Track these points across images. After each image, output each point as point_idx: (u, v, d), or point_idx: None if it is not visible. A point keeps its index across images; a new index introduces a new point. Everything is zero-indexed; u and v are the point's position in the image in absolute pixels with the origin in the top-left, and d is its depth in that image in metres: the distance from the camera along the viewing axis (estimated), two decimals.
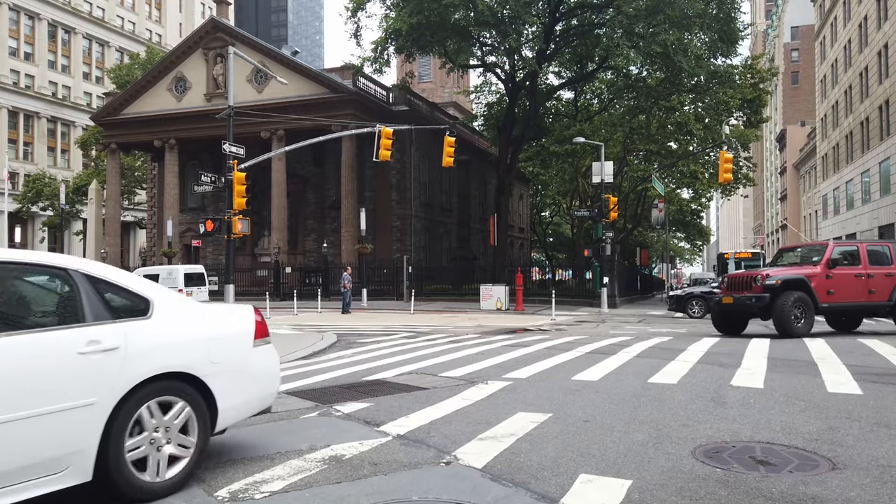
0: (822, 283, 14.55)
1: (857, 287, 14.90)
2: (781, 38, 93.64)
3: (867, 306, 15.33)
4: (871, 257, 15.29)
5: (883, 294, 15.04)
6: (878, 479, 4.49)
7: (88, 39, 69.80)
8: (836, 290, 14.63)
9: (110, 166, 46.18)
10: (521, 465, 4.89)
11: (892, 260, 15.27)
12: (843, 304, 15.03)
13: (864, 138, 44.43)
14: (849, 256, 15.09)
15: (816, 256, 15.30)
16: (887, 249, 15.54)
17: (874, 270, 14.96)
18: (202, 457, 4.72)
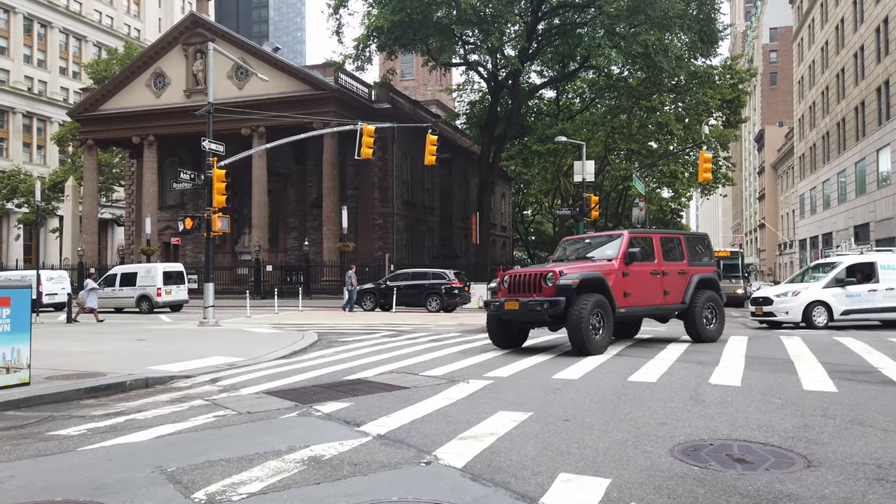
0: (619, 283, 11.80)
1: (653, 287, 12.54)
2: (760, 39, 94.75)
3: (662, 310, 13.01)
4: (666, 251, 13.13)
5: (677, 294, 12.98)
6: (853, 476, 4.55)
7: (65, 34, 68.68)
8: (633, 292, 11.99)
9: (87, 163, 45.51)
10: (501, 464, 4.89)
11: (684, 254, 13.40)
12: (639, 309, 12.49)
13: (841, 139, 45.11)
14: (644, 249, 12.54)
15: (610, 250, 12.49)
16: (678, 242, 13.64)
17: (668, 266, 12.88)
18: None
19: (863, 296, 17.24)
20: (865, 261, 18.04)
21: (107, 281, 29.14)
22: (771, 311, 17.54)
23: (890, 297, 17.34)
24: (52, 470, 5.05)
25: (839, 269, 17.67)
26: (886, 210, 35.99)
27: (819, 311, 17.01)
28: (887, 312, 17.62)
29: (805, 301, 17.03)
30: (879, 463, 4.84)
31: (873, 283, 17.34)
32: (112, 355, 11.78)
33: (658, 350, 12.11)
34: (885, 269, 17.62)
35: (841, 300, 17.19)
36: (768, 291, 18.64)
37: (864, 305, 17.25)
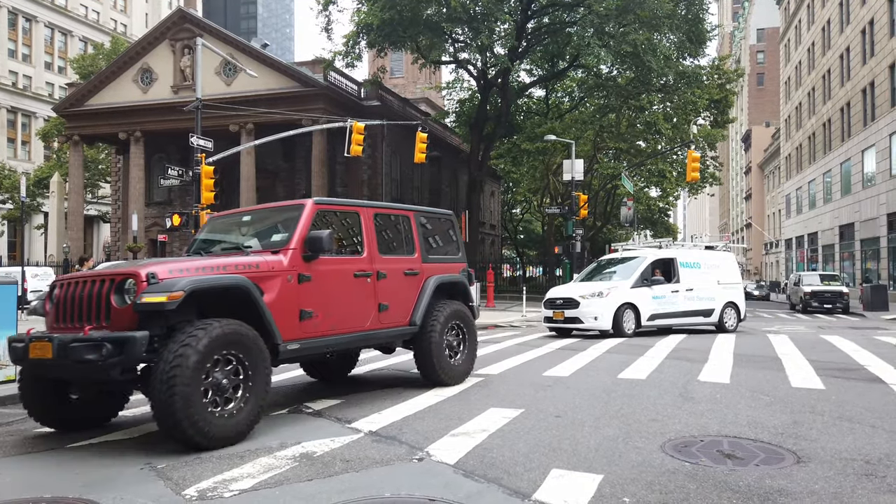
0: (290, 294, 6.23)
1: (359, 298, 7.07)
2: (747, 39, 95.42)
3: (376, 337, 7.45)
4: (384, 238, 7.65)
5: (401, 311, 7.60)
6: (842, 471, 4.60)
7: (50, 28, 67.91)
8: (319, 308, 6.46)
9: (73, 159, 45.04)
10: (493, 460, 4.89)
11: (415, 243, 7.96)
12: (330, 340, 6.68)
13: (827, 139, 45.53)
14: (344, 233, 7.43)
15: (278, 235, 6.82)
16: (405, 223, 7.99)
17: (387, 264, 7.44)
18: None
19: (667, 297, 15.13)
20: (665, 256, 15.78)
21: None
22: (576, 317, 14.33)
23: (690, 300, 15.47)
24: (39, 467, 5.00)
25: (645, 266, 15.20)
26: (871, 210, 36.37)
27: (628, 316, 14.42)
28: (687, 317, 15.60)
29: (616, 303, 14.22)
30: (868, 458, 4.89)
31: (674, 282, 15.38)
32: None
33: (647, 348, 12.18)
34: (685, 268, 15.69)
35: (647, 302, 14.81)
36: (571, 290, 15.09)
37: (667, 308, 15.13)
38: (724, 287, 16.17)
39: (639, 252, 16.43)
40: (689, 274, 15.62)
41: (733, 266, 16.99)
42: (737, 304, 16.42)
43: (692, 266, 15.74)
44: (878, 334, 15.30)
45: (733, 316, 16.33)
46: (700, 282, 15.69)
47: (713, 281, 15.96)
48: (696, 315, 15.66)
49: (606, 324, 14.08)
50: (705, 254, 16.71)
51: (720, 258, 16.74)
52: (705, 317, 15.84)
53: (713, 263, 16.24)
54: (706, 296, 15.71)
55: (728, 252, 17.60)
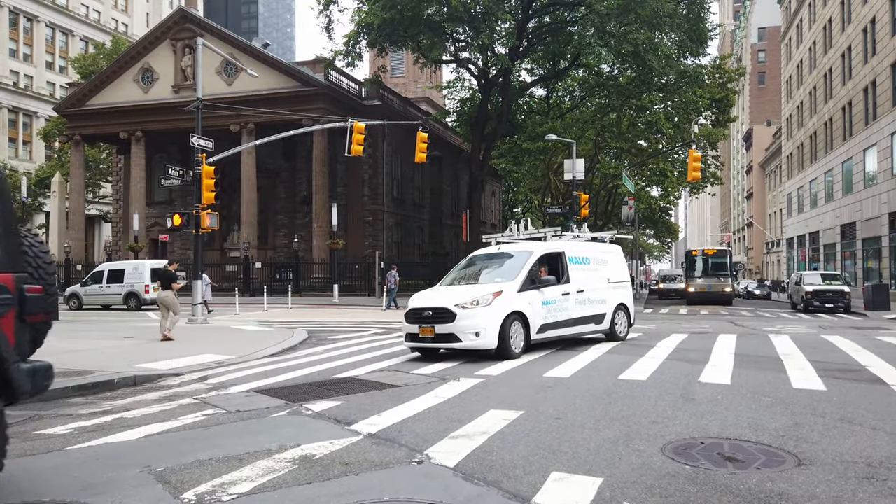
0: None
1: None
2: (749, 38, 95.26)
3: None
4: None
5: None
6: (843, 474, 4.58)
7: (52, 28, 67.93)
8: None
9: (74, 158, 45.07)
10: (493, 463, 4.88)
11: None
12: None
13: (828, 138, 45.44)
14: None
15: None
16: None
17: None
18: None
19: (557, 302, 11.79)
20: (552, 250, 12.48)
21: (94, 278, 28.87)
22: (451, 333, 10.41)
23: (581, 304, 12.43)
24: (38, 470, 4.98)
25: (532, 263, 11.63)
26: (873, 209, 36.30)
27: (516, 330, 10.79)
28: (579, 325, 12.42)
29: (502, 313, 10.55)
30: (869, 461, 4.87)
31: (564, 282, 12.14)
32: (100, 353, 11.66)
33: (648, 348, 12.15)
34: (575, 264, 12.62)
35: (537, 310, 11.32)
36: (443, 297, 11.04)
37: (559, 316, 11.83)
38: (614, 287, 13.49)
39: (521, 245, 13.16)
40: (579, 272, 12.58)
41: (622, 261, 14.52)
42: (627, 306, 13.84)
43: (581, 262, 12.82)
44: (880, 334, 15.26)
45: (624, 321, 13.71)
46: (590, 281, 12.80)
47: (603, 279, 13.24)
48: (587, 322, 12.62)
49: (491, 341, 10.37)
50: (593, 247, 13.87)
51: (608, 252, 14.12)
52: (596, 324, 12.86)
53: (601, 258, 13.53)
54: (597, 298, 12.86)
55: (615, 245, 14.97)
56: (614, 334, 13.34)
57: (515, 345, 10.71)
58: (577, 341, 13.11)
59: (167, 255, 39.26)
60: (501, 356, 10.48)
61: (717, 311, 28.87)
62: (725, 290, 35.27)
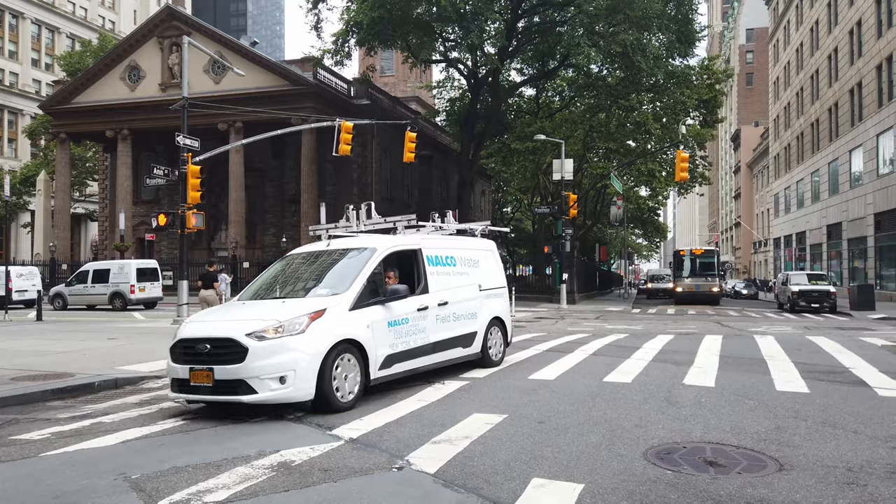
0: None
1: None
2: (737, 39, 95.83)
3: None
4: None
5: None
6: (823, 479, 4.57)
7: (38, 25, 67.26)
8: None
9: (60, 157, 44.64)
10: (474, 469, 4.84)
11: None
12: None
13: (815, 139, 45.78)
14: None
15: None
16: None
17: None
18: None
19: (412, 321, 8.35)
20: (404, 247, 8.95)
21: (79, 277, 28.58)
22: (238, 380, 6.71)
23: (445, 322, 8.93)
24: (11, 477, 4.89)
25: (373, 266, 8.11)
26: (858, 210, 36.60)
27: (347, 367, 7.23)
28: (442, 351, 8.85)
29: (325, 344, 7.05)
30: (850, 466, 4.86)
31: (421, 293, 8.69)
32: (82, 355, 11.52)
33: (634, 350, 12.16)
34: (435, 266, 9.13)
35: (381, 334, 7.83)
36: (228, 321, 7.41)
37: (414, 341, 8.33)
38: (487, 296, 10.00)
39: (360, 240, 9.03)
40: (442, 277, 9.14)
41: (497, 261, 10.89)
42: (503, 321, 10.42)
43: (445, 263, 9.36)
44: (864, 335, 15.36)
45: (499, 341, 10.30)
46: (457, 290, 9.31)
47: (473, 286, 9.75)
48: (452, 346, 9.06)
49: (304, 388, 6.79)
50: (460, 243, 10.26)
51: (480, 249, 10.51)
52: (464, 347, 9.35)
53: (471, 258, 10.02)
54: (465, 312, 9.39)
55: (488, 240, 11.20)
56: (487, 359, 9.82)
57: (345, 390, 7.06)
58: (569, 342, 13.04)
59: (153, 255, 38.98)
60: (321, 409, 6.83)
61: (704, 310, 29.00)
62: (713, 289, 35.46)
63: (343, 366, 7.15)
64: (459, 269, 9.66)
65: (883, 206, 33.14)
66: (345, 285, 7.75)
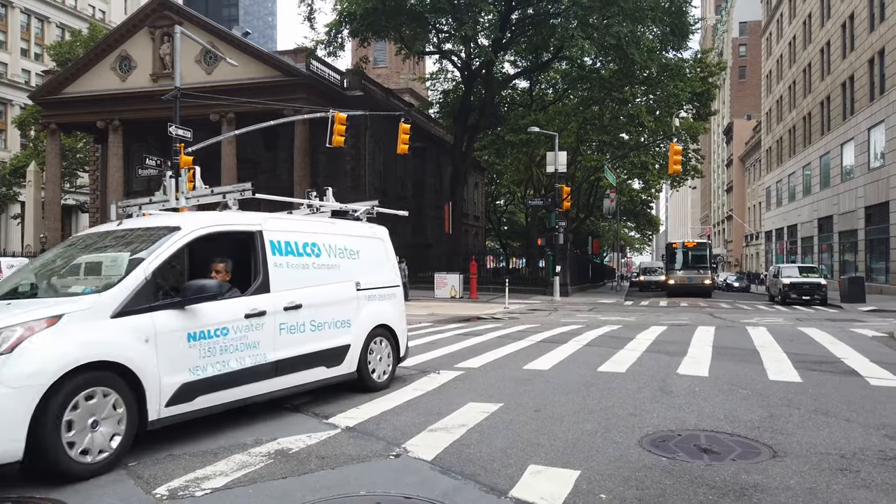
0: None
1: None
2: (730, 33, 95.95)
3: None
4: None
5: None
6: (817, 466, 4.62)
7: (27, 14, 66.55)
8: None
9: (50, 147, 44.29)
10: (470, 456, 4.86)
11: None
12: None
13: (807, 133, 45.96)
14: None
15: None
16: None
17: None
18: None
19: (232, 333, 5.81)
20: (231, 227, 6.39)
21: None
22: None
23: (296, 334, 6.53)
24: None
25: (167, 250, 5.85)
26: (849, 203, 36.81)
27: (101, 403, 4.64)
28: (287, 374, 6.34)
29: (51, 372, 4.36)
30: (842, 453, 4.92)
31: (256, 292, 6.21)
32: None
33: (628, 340, 12.22)
34: (284, 256, 6.67)
35: (174, 351, 5.28)
36: None
37: (237, 361, 5.79)
38: (368, 297, 7.66)
39: (163, 219, 6.68)
40: (294, 271, 6.74)
41: (387, 253, 8.51)
42: (394, 329, 8.06)
43: (301, 252, 6.91)
44: (855, 326, 15.49)
45: (386, 356, 7.84)
46: (319, 288, 6.98)
47: (347, 285, 7.41)
48: (309, 365, 6.67)
49: (6, 441, 4.20)
50: (331, 227, 7.66)
51: (362, 237, 8.07)
52: (331, 365, 6.98)
53: (348, 248, 7.61)
54: (333, 318, 7.07)
55: (377, 226, 8.70)
56: (366, 380, 7.38)
57: (93, 446, 4.58)
58: (563, 333, 13.09)
59: None
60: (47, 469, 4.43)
61: (696, 303, 29.16)
62: (705, 282, 35.65)
63: (90, 406, 4.56)
64: (326, 261, 7.11)
65: (874, 200, 33.34)
66: (114, 279, 5.57)
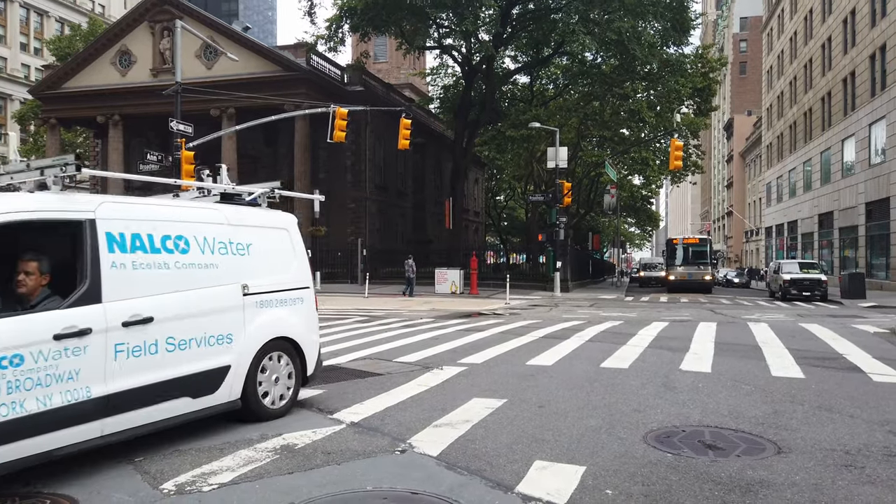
0: None
1: None
2: (731, 28, 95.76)
3: None
4: None
5: None
6: (822, 462, 4.63)
7: (26, 8, 66.38)
8: None
9: (50, 142, 44.22)
10: (476, 452, 4.87)
11: None
12: None
13: (807, 128, 45.91)
14: None
15: None
16: None
17: None
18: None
19: (30, 361, 4.15)
20: (44, 216, 4.59)
21: None
22: None
23: (145, 357, 4.87)
24: None
25: None
26: (850, 199, 36.80)
27: None
28: (117, 414, 4.60)
29: None
30: (847, 449, 4.93)
31: (82, 302, 4.54)
32: None
33: (630, 336, 12.23)
34: (133, 253, 4.98)
35: None
36: None
37: (38, 400, 4.17)
38: (261, 303, 6.03)
39: None
40: (143, 272, 5.04)
41: (293, 246, 6.65)
42: (297, 341, 6.41)
43: (156, 249, 5.23)
44: (856, 322, 15.50)
45: (285, 375, 6.22)
46: (180, 295, 5.31)
47: (229, 289, 5.76)
48: (163, 397, 4.99)
49: None
50: (212, 214, 5.88)
51: (256, 226, 6.26)
52: (197, 394, 5.30)
53: (233, 239, 5.91)
54: (200, 334, 5.39)
55: (282, 214, 6.77)
56: (255, 409, 5.80)
57: None
58: (565, 329, 13.12)
59: None
60: None
61: (697, 298, 29.17)
62: (705, 278, 35.64)
63: None
64: (197, 259, 5.51)
65: (874, 196, 33.32)
66: None
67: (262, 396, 5.91)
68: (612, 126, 37.27)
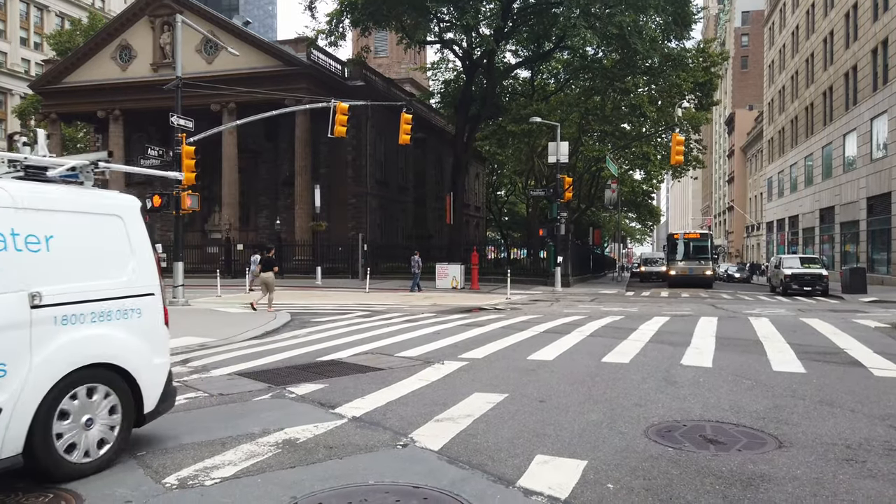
0: None
1: None
2: (732, 22, 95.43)
3: None
4: None
5: None
6: (823, 456, 4.63)
7: (26, 3, 66.22)
8: None
9: (51, 137, 44.22)
10: (477, 446, 4.88)
11: None
12: None
13: (809, 123, 45.80)
14: None
15: None
16: None
17: None
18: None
19: None
20: None
21: None
22: None
23: None
24: None
25: None
26: (851, 194, 36.74)
27: None
28: None
29: None
30: (848, 443, 4.93)
31: None
32: None
33: (631, 331, 12.23)
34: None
35: None
36: None
37: None
38: (63, 318, 4.36)
39: None
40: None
41: (128, 237, 5.08)
42: (127, 368, 4.69)
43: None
44: (857, 317, 15.50)
45: (103, 412, 4.50)
46: None
47: (3, 299, 4.04)
48: None
49: None
50: None
51: (69, 210, 4.63)
52: None
53: (17, 230, 4.20)
54: None
55: (116, 194, 5.34)
56: (50, 465, 4.20)
57: None
58: (566, 324, 13.07)
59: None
60: None
61: (697, 293, 29.16)
62: (706, 273, 35.63)
63: None
64: None
65: (876, 190, 33.27)
66: None
67: (60, 450, 4.23)
68: (613, 121, 37.17)
